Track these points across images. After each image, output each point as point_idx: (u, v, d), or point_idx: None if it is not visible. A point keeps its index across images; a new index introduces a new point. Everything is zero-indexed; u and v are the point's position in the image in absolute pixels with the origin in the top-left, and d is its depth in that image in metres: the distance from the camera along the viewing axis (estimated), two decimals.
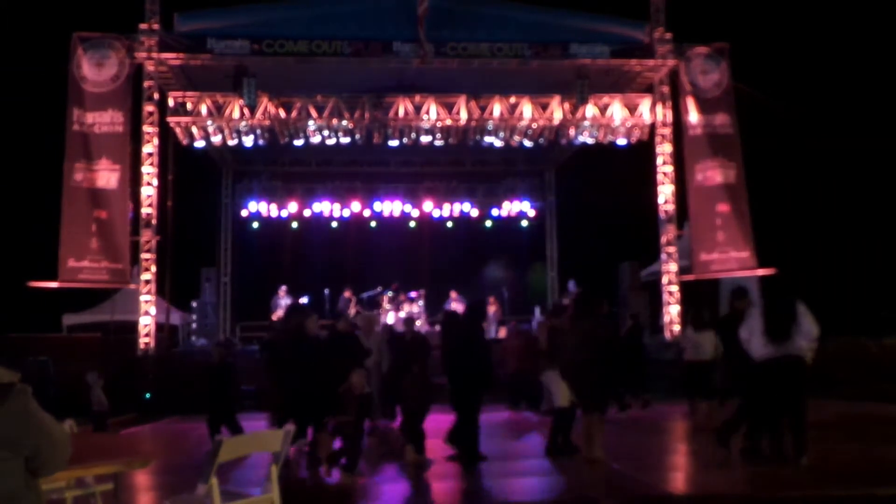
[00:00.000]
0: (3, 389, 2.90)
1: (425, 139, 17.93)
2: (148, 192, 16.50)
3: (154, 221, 16.49)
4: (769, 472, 7.35)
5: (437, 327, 20.24)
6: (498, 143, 18.29)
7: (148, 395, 14.76)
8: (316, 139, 17.65)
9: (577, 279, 19.88)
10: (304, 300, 19.04)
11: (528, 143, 18.48)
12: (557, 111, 17.74)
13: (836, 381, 13.09)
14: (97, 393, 11.66)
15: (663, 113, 17.97)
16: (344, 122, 17.43)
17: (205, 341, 18.61)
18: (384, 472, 8.44)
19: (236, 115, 16.98)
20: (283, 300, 18.90)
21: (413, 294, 19.25)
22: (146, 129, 16.56)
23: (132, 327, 16.36)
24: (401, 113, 17.45)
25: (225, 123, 17.14)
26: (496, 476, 7.92)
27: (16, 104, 18.62)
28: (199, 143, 17.51)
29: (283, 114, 17.23)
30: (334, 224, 23.22)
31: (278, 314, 18.79)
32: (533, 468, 8.46)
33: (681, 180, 17.80)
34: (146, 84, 16.56)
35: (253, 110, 16.85)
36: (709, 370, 10.90)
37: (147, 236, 16.37)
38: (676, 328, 17.02)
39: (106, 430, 11.19)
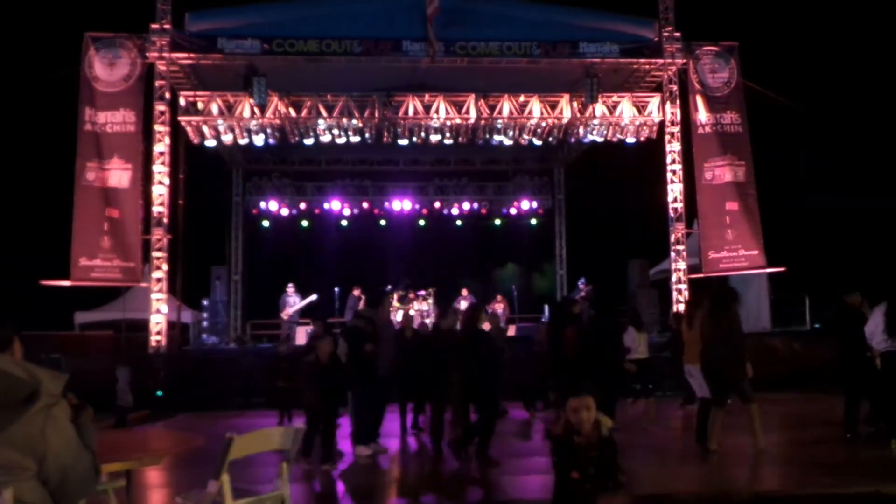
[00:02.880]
0: (27, 398, 2.26)
1: (435, 138, 17.96)
2: (159, 190, 16.59)
3: (165, 220, 16.57)
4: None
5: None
6: (507, 142, 18.31)
7: (159, 393, 14.86)
8: (326, 138, 17.71)
9: (587, 277, 19.90)
10: (313, 297, 19.13)
11: (537, 142, 18.48)
12: (566, 110, 17.76)
13: None
14: (124, 389, 11.74)
15: (672, 111, 17.95)
16: (354, 121, 17.49)
17: (215, 339, 18.69)
18: None
19: (247, 114, 17.05)
20: (291, 298, 18.99)
21: (422, 292, 19.30)
22: (157, 128, 16.64)
23: (144, 325, 16.45)
24: (410, 112, 17.50)
25: (235, 122, 17.22)
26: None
27: (27, 104, 18.72)
28: (210, 142, 17.60)
29: (293, 113, 17.31)
30: (344, 222, 23.35)
31: (286, 311, 18.87)
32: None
33: (690, 178, 17.75)
34: (158, 83, 16.64)
35: (263, 109, 16.93)
36: (647, 368, 11.78)
37: (158, 235, 16.45)
38: None
39: (125, 427, 11.29)
